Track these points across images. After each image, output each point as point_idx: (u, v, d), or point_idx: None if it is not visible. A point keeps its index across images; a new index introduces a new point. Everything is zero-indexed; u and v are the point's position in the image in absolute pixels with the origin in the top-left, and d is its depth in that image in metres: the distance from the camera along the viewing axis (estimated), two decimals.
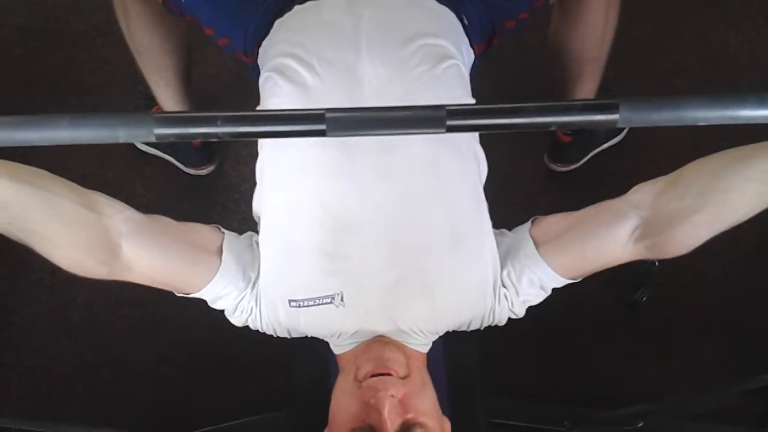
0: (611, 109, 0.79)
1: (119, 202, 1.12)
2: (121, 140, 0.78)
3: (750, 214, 1.04)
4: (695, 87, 2.18)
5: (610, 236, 1.14)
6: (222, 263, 1.18)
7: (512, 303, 1.22)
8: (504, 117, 0.83)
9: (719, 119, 0.79)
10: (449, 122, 0.80)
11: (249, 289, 1.20)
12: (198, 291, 1.19)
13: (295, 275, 1.18)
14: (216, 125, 0.79)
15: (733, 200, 1.04)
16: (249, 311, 1.22)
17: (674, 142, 0.98)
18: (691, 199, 1.06)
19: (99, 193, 1.10)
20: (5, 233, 1.01)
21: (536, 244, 1.19)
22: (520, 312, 1.24)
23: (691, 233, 1.08)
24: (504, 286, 1.21)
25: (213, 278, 1.17)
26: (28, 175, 1.01)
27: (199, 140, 1.88)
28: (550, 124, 0.82)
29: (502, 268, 1.21)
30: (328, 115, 0.79)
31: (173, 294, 1.23)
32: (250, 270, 1.20)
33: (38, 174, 1.03)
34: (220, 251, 1.19)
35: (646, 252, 1.13)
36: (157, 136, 0.78)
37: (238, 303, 1.21)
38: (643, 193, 1.13)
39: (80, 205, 1.06)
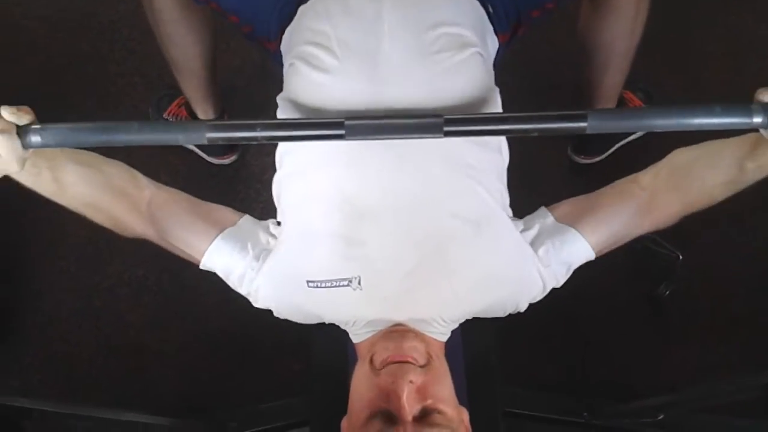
0: (581, 118, 0.97)
1: (150, 180, 1.28)
2: (180, 143, 1.05)
3: (720, 198, 1.19)
4: (723, 79, 2.16)
5: (627, 214, 1.24)
6: (224, 231, 1.24)
7: (545, 281, 1.24)
8: (493, 124, 1.01)
9: (674, 126, 0.97)
10: (446, 128, 0.96)
11: (251, 262, 1.22)
12: (202, 255, 1.24)
13: (313, 257, 1.19)
14: (255, 131, 1.00)
15: (705, 186, 1.19)
16: (256, 289, 1.24)
17: (694, 135, 1.02)
18: (675, 184, 1.21)
19: (136, 171, 1.27)
20: (66, 205, 1.21)
21: (571, 224, 1.24)
22: (550, 286, 1.26)
23: (678, 211, 1.23)
24: (542, 265, 1.23)
25: (213, 242, 1.23)
26: (86, 158, 1.19)
27: None
28: (531, 131, 0.99)
29: (540, 246, 1.23)
30: (347, 122, 0.97)
31: (195, 281, 1.25)
32: (255, 246, 1.24)
33: (94, 156, 1.21)
34: (230, 225, 1.26)
35: (652, 225, 1.25)
36: (209, 140, 1.00)
37: (243, 277, 1.23)
38: (646, 177, 1.24)
39: (127, 181, 1.24)
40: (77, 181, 1.18)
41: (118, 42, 2.28)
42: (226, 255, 1.23)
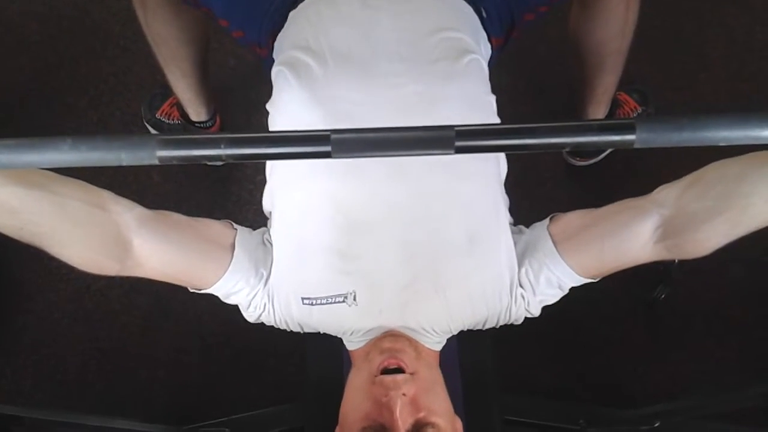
0: (627, 129, 0.78)
1: (127, 199, 1.10)
2: (124, 163, 0.77)
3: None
4: (719, 81, 2.16)
5: (632, 236, 1.10)
6: (233, 259, 1.16)
7: (528, 303, 1.20)
8: (516, 138, 0.81)
9: (742, 140, 0.77)
10: (458, 143, 0.78)
11: (261, 286, 1.19)
12: (210, 287, 1.18)
13: (307, 273, 1.17)
14: (219, 147, 0.78)
15: (755, 206, 1.00)
16: (262, 307, 1.21)
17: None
18: (711, 202, 1.03)
19: (107, 191, 1.08)
20: (18, 237, 1.00)
21: (555, 243, 1.17)
22: (536, 311, 1.22)
23: (711, 236, 1.04)
24: (521, 286, 1.19)
25: (224, 275, 1.16)
26: (36, 178, 0.99)
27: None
28: (564, 145, 0.80)
29: (520, 267, 1.19)
30: (333, 136, 0.77)
31: None
32: (263, 267, 1.19)
33: (46, 176, 1.01)
34: (233, 248, 1.18)
35: (666, 253, 1.10)
36: (160, 159, 0.78)
37: (251, 299, 1.20)
38: (666, 193, 1.10)
39: (90, 204, 1.05)
40: (23, 207, 0.97)
41: (111, 40, 2.26)
42: (240, 281, 1.18)
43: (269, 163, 1.27)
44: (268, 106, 1.30)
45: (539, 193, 2.07)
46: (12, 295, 2.04)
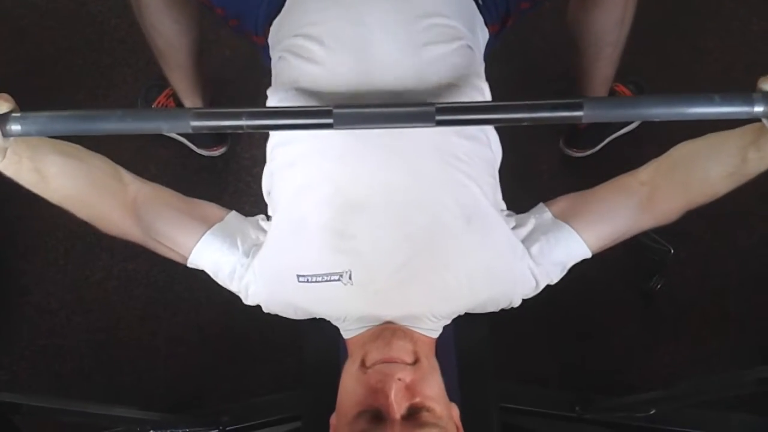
0: (576, 107, 0.94)
1: (135, 176, 1.24)
2: (164, 131, 0.97)
3: (723, 192, 1.16)
4: (715, 73, 2.16)
5: (628, 211, 1.22)
6: (209, 230, 1.22)
7: (537, 279, 1.22)
8: (486, 113, 1.00)
9: (672, 116, 0.94)
10: (438, 117, 0.95)
11: (241, 258, 1.21)
12: (189, 255, 1.22)
13: (303, 251, 1.18)
14: (241, 119, 0.96)
15: (707, 180, 1.16)
16: (246, 285, 1.22)
17: (687, 129, 1.02)
18: (676, 180, 1.20)
19: (119, 166, 1.23)
20: (49, 198, 1.17)
21: (567, 223, 1.23)
22: (543, 283, 1.24)
23: (681, 205, 1.20)
24: (534, 262, 1.22)
25: (201, 237, 1.21)
26: (71, 150, 1.16)
27: None
28: (525, 120, 0.97)
29: (532, 244, 1.22)
30: (335, 111, 0.95)
31: (185, 275, 1.24)
32: (244, 241, 1.22)
33: (78, 148, 1.17)
34: (214, 223, 1.24)
35: (653, 222, 1.23)
36: (193, 128, 0.96)
37: (233, 272, 1.22)
38: (646, 172, 1.22)
39: (110, 176, 1.21)
40: (59, 172, 1.14)
41: (108, 32, 2.26)
42: (215, 251, 1.21)
43: (270, 146, 1.28)
44: (269, 92, 1.31)
45: (536, 185, 2.07)
46: (10, 286, 2.04)
